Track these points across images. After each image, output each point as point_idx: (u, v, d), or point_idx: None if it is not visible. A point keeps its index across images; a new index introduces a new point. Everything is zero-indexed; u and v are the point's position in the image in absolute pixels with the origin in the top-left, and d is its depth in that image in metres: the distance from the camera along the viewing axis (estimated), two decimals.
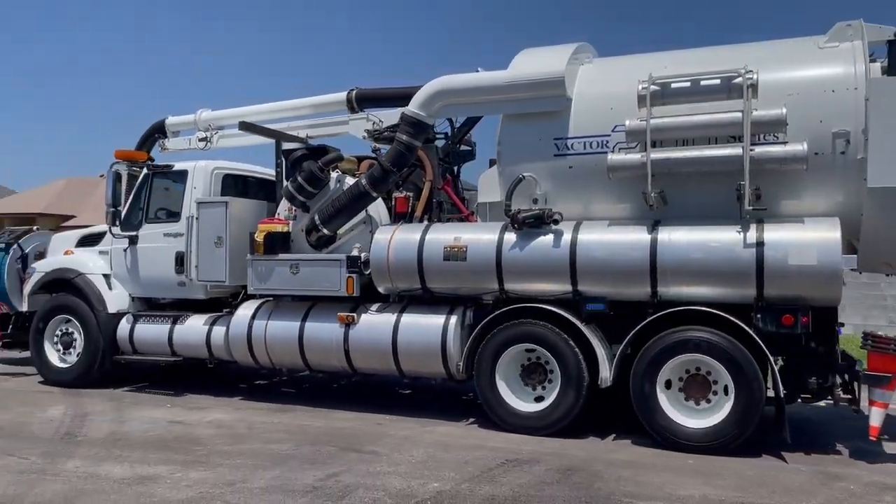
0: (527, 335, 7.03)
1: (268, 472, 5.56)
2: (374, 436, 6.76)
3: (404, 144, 7.65)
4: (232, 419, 7.42)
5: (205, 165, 8.99)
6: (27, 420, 7.23)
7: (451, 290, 7.52)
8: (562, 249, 6.88)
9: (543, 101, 7.19)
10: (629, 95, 6.77)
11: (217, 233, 8.45)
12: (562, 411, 6.83)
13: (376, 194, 7.86)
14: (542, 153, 7.26)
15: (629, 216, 7.03)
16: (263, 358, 8.29)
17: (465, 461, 5.91)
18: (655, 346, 6.50)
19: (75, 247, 9.65)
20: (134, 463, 5.79)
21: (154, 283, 9.04)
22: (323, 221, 7.99)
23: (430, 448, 6.31)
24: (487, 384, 7.14)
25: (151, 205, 9.14)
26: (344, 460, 5.91)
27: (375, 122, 9.06)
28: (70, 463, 5.76)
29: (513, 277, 7.11)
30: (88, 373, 9.00)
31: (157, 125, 11.11)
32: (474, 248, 7.24)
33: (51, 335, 9.31)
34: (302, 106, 9.88)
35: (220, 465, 5.73)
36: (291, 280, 8.03)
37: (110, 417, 7.41)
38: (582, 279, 6.84)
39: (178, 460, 5.87)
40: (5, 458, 5.88)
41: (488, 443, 6.51)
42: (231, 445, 6.35)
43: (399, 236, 7.63)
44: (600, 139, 7.05)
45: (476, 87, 7.49)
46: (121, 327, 9.01)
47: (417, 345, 7.47)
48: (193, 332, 8.65)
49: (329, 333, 7.86)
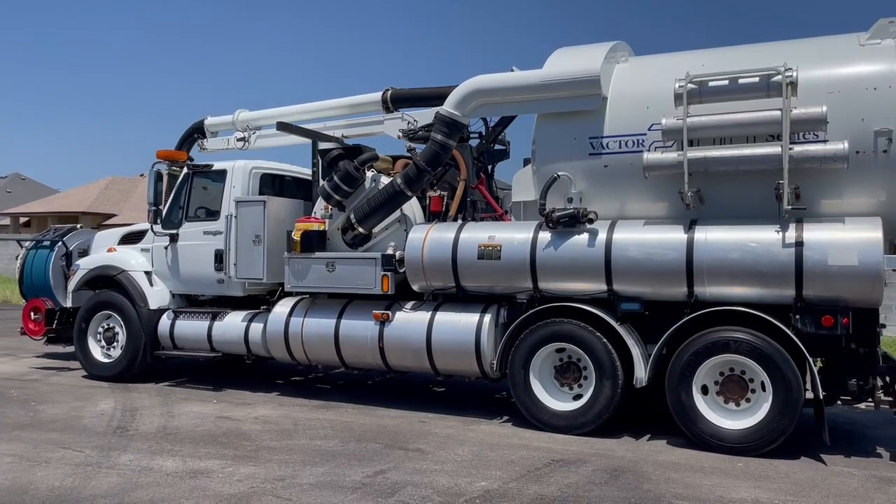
0: (561, 334, 7.03)
1: (317, 468, 5.65)
2: (418, 433, 6.83)
3: (439, 144, 7.69)
4: (277, 415, 7.54)
5: (243, 165, 9.14)
6: (79, 414, 7.43)
7: (484, 289, 7.55)
8: (597, 249, 6.87)
9: (579, 101, 7.17)
10: (665, 94, 6.73)
11: (255, 231, 8.59)
12: (596, 411, 6.82)
13: (411, 193, 7.92)
14: (577, 152, 7.24)
15: (665, 215, 6.99)
16: (300, 355, 8.41)
17: (510, 460, 5.94)
18: (692, 346, 6.45)
19: (118, 244, 9.88)
20: (186, 457, 5.92)
21: (194, 279, 9.23)
22: (358, 220, 8.08)
23: (474, 447, 6.35)
24: (521, 383, 7.15)
25: (191, 203, 9.32)
26: (390, 457, 5.99)
27: (410, 122, 9.12)
28: (124, 456, 5.91)
29: (547, 276, 7.12)
30: (130, 368, 9.22)
31: (197, 125, 11.33)
32: (508, 247, 7.26)
33: (94, 331, 9.55)
34: (337, 106, 9.99)
35: (270, 461, 5.84)
36: (327, 278, 8.13)
37: (159, 412, 7.57)
38: (617, 279, 6.82)
39: (229, 455, 6.00)
40: (61, 450, 6.05)
41: (533, 442, 6.53)
42: (278, 441, 6.47)
43: (433, 235, 7.68)
44: (636, 138, 7.02)
45: (511, 87, 7.50)
46: (161, 323, 9.21)
47: (451, 343, 7.51)
48: (232, 329, 8.80)
49: (364, 331, 7.94)
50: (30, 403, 7.89)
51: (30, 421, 7.09)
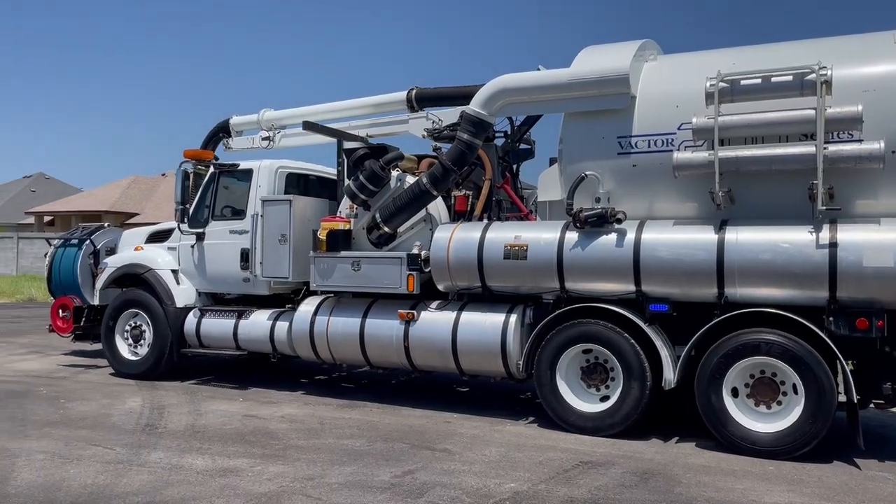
0: (588, 335, 6.98)
1: (345, 468, 5.66)
2: (444, 433, 6.81)
3: (465, 143, 7.66)
4: (303, 414, 7.56)
5: (269, 164, 9.17)
6: (108, 411, 7.50)
7: (510, 289, 7.51)
8: (625, 249, 6.81)
9: (607, 99, 7.11)
10: (696, 93, 6.66)
11: (281, 230, 8.62)
12: (624, 413, 6.76)
13: (437, 193, 7.90)
14: (605, 151, 7.18)
15: (694, 215, 6.91)
16: (325, 353, 8.43)
17: (539, 462, 5.91)
18: (722, 348, 6.38)
19: (145, 243, 9.96)
20: (215, 455, 5.95)
21: (220, 278, 9.28)
22: (384, 219, 8.07)
23: (501, 447, 6.33)
24: (548, 384, 7.11)
25: (217, 202, 9.37)
26: (418, 458, 5.97)
27: (435, 121, 9.12)
28: (154, 454, 5.95)
29: (574, 277, 7.07)
30: (157, 366, 9.28)
31: (222, 125, 11.40)
32: (535, 246, 7.22)
33: (121, 329, 9.63)
34: (362, 105, 10.01)
35: (298, 460, 5.85)
36: (353, 277, 8.14)
37: (187, 410, 7.62)
38: (646, 279, 6.75)
39: (257, 454, 6.01)
40: (92, 448, 6.11)
41: (560, 444, 6.49)
42: (306, 440, 6.48)
43: (459, 235, 7.65)
44: (665, 137, 6.94)
45: (538, 86, 7.45)
46: (188, 321, 9.27)
47: (477, 343, 7.49)
48: (257, 328, 8.84)
49: (389, 330, 7.94)
50: (59, 401, 7.98)
51: (59, 418, 7.16)
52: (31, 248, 34.31)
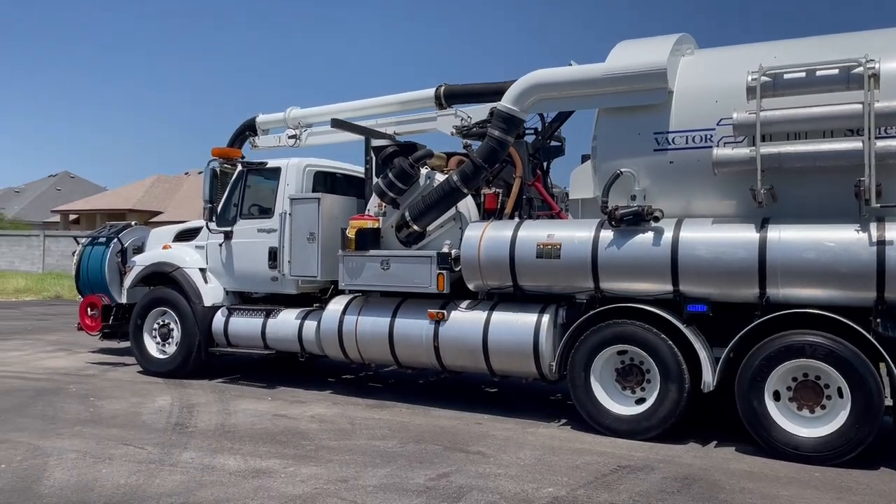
0: (624, 336, 6.82)
1: (379, 470, 5.56)
2: (476, 435, 6.69)
3: (496, 140, 7.54)
4: (333, 414, 7.48)
5: (297, 162, 9.10)
6: (138, 410, 7.46)
7: (543, 289, 7.37)
8: (662, 248, 6.64)
9: (643, 95, 6.95)
10: (735, 87, 6.49)
11: (309, 228, 8.55)
12: (661, 416, 6.59)
13: (467, 191, 7.78)
14: (641, 148, 7.02)
15: (734, 213, 6.73)
16: (354, 353, 8.34)
17: (575, 465, 5.77)
18: (763, 350, 6.19)
19: (172, 241, 9.94)
20: (247, 455, 5.88)
21: (247, 277, 9.23)
22: (413, 218, 7.96)
23: (536, 450, 6.20)
24: (582, 385, 6.96)
25: (245, 201, 9.32)
26: (452, 460, 5.86)
27: (464, 119, 8.98)
28: (186, 454, 5.89)
29: (609, 276, 6.91)
30: (185, 364, 9.25)
31: (248, 123, 11.36)
32: (569, 245, 7.07)
33: (149, 327, 9.62)
34: (389, 103, 9.90)
35: (331, 461, 5.76)
36: (382, 276, 8.04)
37: (216, 409, 7.57)
38: (684, 279, 6.58)
39: (289, 454, 5.94)
40: (123, 447, 6.06)
41: (596, 447, 6.35)
42: (337, 441, 6.40)
43: (490, 233, 7.53)
44: (704, 133, 6.77)
45: (572, 81, 7.30)
46: (216, 320, 9.23)
47: (509, 344, 7.36)
48: (285, 327, 8.77)
49: (419, 330, 7.83)
50: (89, 399, 7.96)
51: (90, 416, 7.14)
52: (56, 246, 34.66)
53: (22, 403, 7.64)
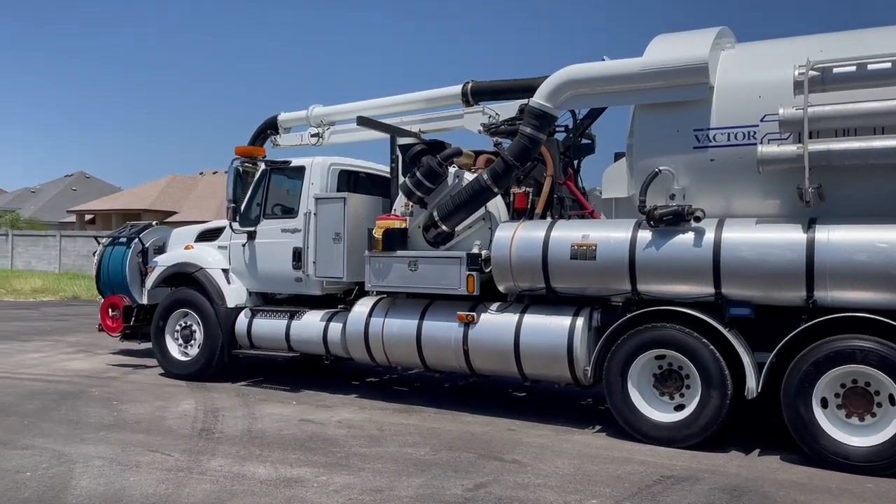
0: (662, 340, 6.58)
1: (413, 479, 5.37)
2: (509, 442, 6.49)
3: (528, 138, 7.32)
4: (360, 419, 7.30)
5: (322, 161, 8.93)
6: (162, 414, 7.31)
7: (576, 291, 7.16)
8: (704, 249, 6.40)
9: (684, 90, 6.71)
10: (780, 82, 6.27)
11: (335, 228, 8.36)
12: (702, 423, 6.36)
13: (498, 190, 7.57)
14: (680, 145, 6.79)
15: (778, 213, 6.50)
16: (380, 356, 8.15)
17: (617, 475, 5.55)
18: (811, 355, 5.94)
19: (195, 241, 9.79)
20: (276, 463, 5.70)
21: (271, 278, 9.06)
22: (442, 218, 7.76)
23: (573, 459, 5.98)
24: (618, 391, 6.74)
25: (269, 201, 9.15)
26: (487, 469, 5.66)
27: (491, 116, 8.77)
28: (214, 461, 5.72)
29: (647, 278, 6.68)
30: (208, 366, 9.10)
31: (270, 121, 11.20)
32: (604, 246, 6.85)
33: (171, 328, 9.47)
34: (414, 100, 9.70)
35: (363, 470, 5.58)
36: (410, 277, 7.84)
37: (241, 414, 7.40)
38: (726, 281, 6.34)
39: (320, 462, 5.76)
40: (150, 454, 5.90)
41: (635, 455, 6.13)
42: (367, 448, 6.21)
43: (522, 234, 7.32)
44: (747, 130, 6.53)
45: (609, 76, 7.07)
46: (239, 321, 9.06)
47: (542, 347, 7.14)
48: (310, 329, 8.60)
49: (448, 333, 7.63)
50: (112, 402, 7.82)
51: (114, 421, 6.99)
52: (73, 246, 34.75)
53: (45, 407, 7.51)
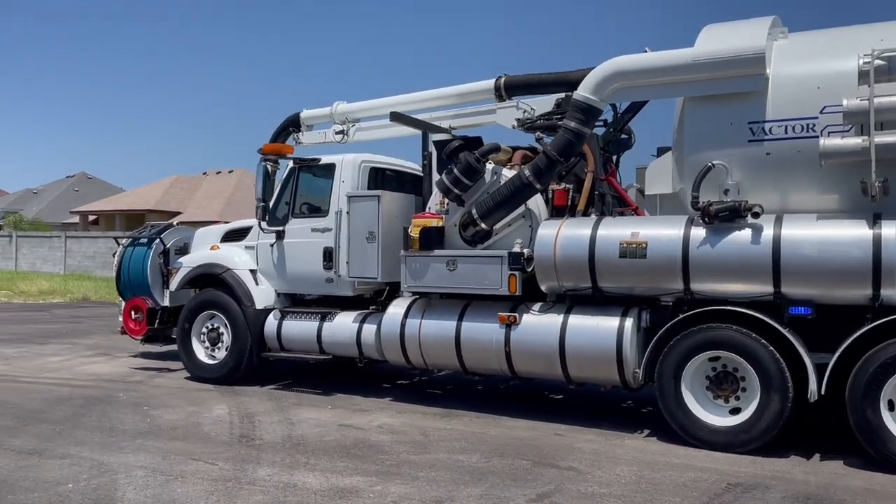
0: (718, 341, 6.34)
1: (472, 489, 5.13)
2: (560, 448, 6.25)
3: (573, 132, 7.08)
4: (401, 424, 7.06)
5: (353, 158, 8.68)
6: (197, 420, 7.06)
7: (624, 290, 6.92)
8: (763, 246, 6.16)
9: (739, 81, 6.46)
10: (841, 72, 6.06)
11: (369, 227, 8.12)
12: (762, 427, 6.12)
13: (540, 186, 7.33)
14: (734, 139, 6.54)
15: (838, 209, 6.26)
16: (416, 358, 7.92)
17: (682, 484, 5.31)
18: (878, 357, 5.72)
19: (220, 242, 9.54)
20: (326, 472, 5.47)
21: (301, 278, 8.82)
22: (481, 215, 7.51)
23: (632, 466, 5.74)
24: (672, 395, 6.50)
25: (297, 199, 8.91)
26: (546, 477, 5.43)
27: (526, 111, 8.53)
28: (261, 470, 5.49)
29: (702, 277, 6.44)
30: (236, 369, 8.85)
31: (292, 119, 10.94)
32: (656, 244, 6.61)
33: (198, 331, 9.23)
34: (444, 96, 9.44)
35: (416, 479, 5.34)
36: (448, 277, 7.60)
37: (277, 419, 7.16)
38: (787, 280, 6.10)
39: (371, 471, 5.52)
40: (192, 462, 5.66)
41: (694, 462, 5.89)
42: (416, 455, 5.97)
43: (567, 232, 7.08)
44: (805, 122, 6.28)
45: (658, 68, 6.82)
46: (268, 323, 8.82)
47: (589, 349, 6.90)
48: (343, 331, 8.36)
49: (489, 334, 7.39)
50: (142, 408, 7.58)
51: (148, 427, 6.74)
52: (78, 247, 34.48)
53: (75, 413, 7.26)
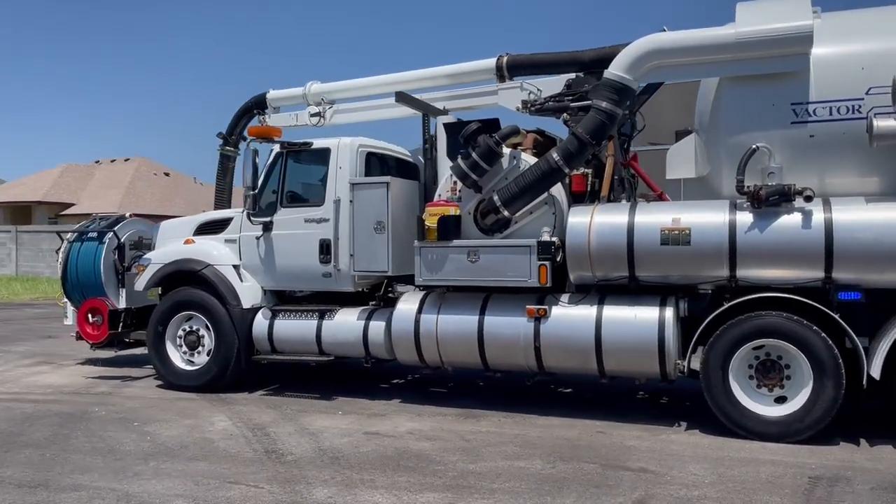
0: (767, 329, 6.16)
1: (561, 500, 4.69)
2: (614, 448, 5.91)
3: (606, 113, 6.73)
4: (430, 429, 6.52)
5: (350, 142, 7.97)
6: (204, 436, 6.25)
7: (661, 279, 6.65)
8: (815, 231, 6.02)
9: (783, 61, 6.30)
10: (886, 52, 5.98)
11: (377, 217, 7.48)
12: (816, 416, 5.99)
13: (569, 170, 6.93)
14: (776, 121, 6.38)
15: (879, 191, 6.20)
16: (433, 356, 7.38)
17: (765, 480, 5.08)
18: None
19: (193, 235, 8.61)
20: (391, 489, 4.88)
21: (293, 274, 8.05)
22: (505, 202, 7.03)
23: (701, 463, 5.47)
24: (719, 386, 6.28)
25: (286, 187, 8.13)
26: (626, 481, 5.06)
27: (532, 92, 8.11)
28: (316, 492, 4.84)
29: (749, 263, 6.24)
30: (222, 376, 8.00)
31: (257, 99, 10.16)
32: (700, 229, 6.36)
33: (173, 335, 8.30)
34: (438, 76, 8.92)
35: (494, 491, 4.85)
36: (469, 269, 7.09)
37: (292, 429, 6.46)
38: (839, 265, 5.98)
39: (438, 485, 4.98)
40: (233, 486, 4.93)
41: (756, 455, 5.69)
42: (472, 463, 5.47)
43: (601, 219, 6.73)
44: (851, 104, 6.18)
45: (699, 46, 6.55)
46: (257, 324, 8.02)
47: (629, 342, 6.58)
48: (347, 330, 7.69)
49: (515, 329, 6.95)
50: (131, 423, 6.67)
51: (153, 448, 5.89)
52: None
53: (56, 434, 6.28)
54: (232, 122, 10.40)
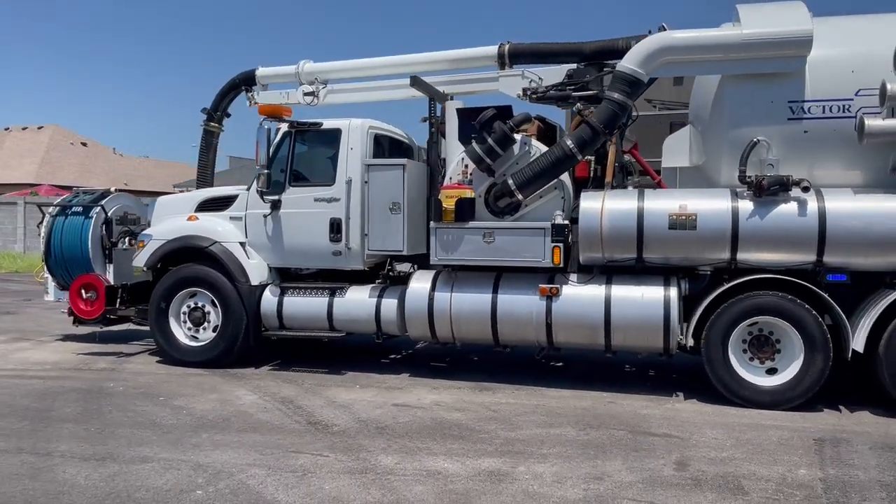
0: (764, 307, 6.75)
1: (611, 463, 5.12)
2: (632, 416, 6.39)
3: (618, 104, 7.15)
4: (454, 401, 6.84)
5: (361, 124, 8.11)
6: (238, 409, 6.38)
7: (665, 260, 7.16)
8: (809, 218, 6.63)
9: (782, 62, 6.86)
10: (874, 57, 6.64)
11: (392, 198, 7.69)
12: (806, 385, 6.64)
13: (582, 157, 7.34)
14: (774, 116, 6.95)
15: (862, 184, 6.86)
16: (445, 333, 7.69)
17: (778, 442, 5.66)
18: None
19: (195, 212, 8.57)
20: (452, 456, 5.20)
21: (302, 252, 8.17)
22: (519, 186, 7.37)
23: (717, 429, 6.00)
24: (719, 359, 6.85)
25: (295, 166, 8.20)
26: (659, 446, 5.52)
27: (533, 80, 8.45)
28: (383, 459, 5.10)
29: (749, 247, 6.81)
30: (229, 351, 8.07)
31: (246, 75, 10.11)
32: (705, 216, 6.88)
33: (176, 311, 8.29)
34: (438, 60, 9.14)
35: (547, 455, 5.24)
36: (484, 249, 7.43)
37: (320, 402, 6.66)
38: (830, 250, 6.61)
39: (491, 451, 5.33)
40: (300, 456, 5.12)
41: (758, 420, 6.28)
42: (511, 431, 5.84)
43: (612, 205, 7.16)
44: (841, 103, 6.80)
45: (705, 45, 7.04)
46: (265, 300, 8.12)
47: (636, 319, 7.08)
48: (359, 306, 7.89)
49: (528, 307, 7.34)
50: (157, 398, 6.71)
51: (196, 421, 5.98)
52: None
53: (86, 410, 6.27)
54: (217, 98, 10.32)
